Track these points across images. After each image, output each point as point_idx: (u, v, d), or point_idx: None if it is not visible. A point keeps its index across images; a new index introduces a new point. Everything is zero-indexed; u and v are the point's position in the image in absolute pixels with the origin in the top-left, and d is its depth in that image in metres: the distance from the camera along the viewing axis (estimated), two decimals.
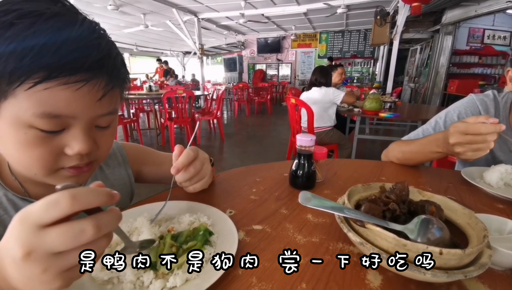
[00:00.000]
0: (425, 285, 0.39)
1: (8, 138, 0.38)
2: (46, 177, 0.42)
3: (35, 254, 0.23)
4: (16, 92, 0.34)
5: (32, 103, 0.35)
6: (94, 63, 0.37)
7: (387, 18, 5.00)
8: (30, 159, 0.39)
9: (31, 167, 0.41)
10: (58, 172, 0.42)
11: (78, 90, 0.36)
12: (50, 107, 0.36)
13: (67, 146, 0.40)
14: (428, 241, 0.37)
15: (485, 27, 6.48)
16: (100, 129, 0.44)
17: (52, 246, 0.23)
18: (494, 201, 0.65)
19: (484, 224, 0.40)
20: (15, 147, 0.38)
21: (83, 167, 0.43)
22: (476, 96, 0.92)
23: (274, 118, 6.75)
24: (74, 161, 0.41)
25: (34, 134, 0.37)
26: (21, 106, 0.35)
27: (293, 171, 0.71)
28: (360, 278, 0.40)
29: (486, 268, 0.34)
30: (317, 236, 0.51)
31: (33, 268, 0.24)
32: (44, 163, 0.40)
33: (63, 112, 0.37)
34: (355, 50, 9.25)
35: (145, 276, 0.37)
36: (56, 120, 0.37)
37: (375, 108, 2.65)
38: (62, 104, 0.36)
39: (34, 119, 0.36)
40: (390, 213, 0.43)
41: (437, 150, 0.75)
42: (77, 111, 0.38)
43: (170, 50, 12.40)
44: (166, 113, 3.91)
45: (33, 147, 0.38)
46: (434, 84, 6.79)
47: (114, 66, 0.40)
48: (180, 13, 6.03)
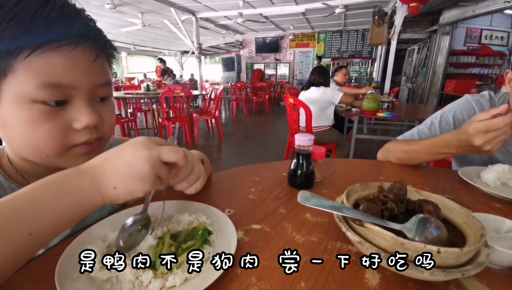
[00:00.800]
0: (423, 284, 0.39)
1: (14, 120, 0.38)
2: (58, 157, 0.42)
3: (152, 152, 0.34)
4: (14, 68, 0.36)
5: (31, 75, 0.36)
6: (81, 27, 0.40)
7: (385, 18, 5.02)
8: (40, 138, 0.39)
9: (42, 147, 0.40)
10: (70, 150, 0.43)
11: (71, 57, 0.38)
12: (49, 76, 0.37)
13: (75, 120, 0.41)
14: (425, 239, 0.37)
15: (483, 27, 6.51)
16: (100, 103, 0.46)
17: (161, 152, 0.35)
18: (491, 200, 0.66)
19: (481, 223, 0.40)
20: (23, 128, 0.39)
21: (94, 143, 0.44)
22: (472, 97, 0.92)
23: (272, 118, 6.75)
24: (84, 136, 0.42)
25: (39, 109, 0.38)
26: (22, 81, 0.36)
27: (292, 170, 0.71)
28: (359, 277, 0.40)
29: (483, 266, 0.35)
30: (316, 235, 0.51)
31: (143, 164, 0.34)
32: (54, 141, 0.40)
33: (63, 81, 0.38)
34: (353, 50, 9.27)
35: (144, 275, 0.37)
36: (57, 91, 0.38)
37: (373, 108, 2.66)
38: (60, 71, 0.38)
39: (36, 92, 0.37)
40: (388, 212, 0.43)
41: (448, 151, 0.75)
42: (75, 79, 0.40)
43: (168, 50, 12.37)
44: (164, 113, 3.90)
45: (41, 123, 0.38)
46: (432, 84, 6.82)
47: (98, 32, 0.43)
48: (178, 12, 6.01)
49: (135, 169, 0.33)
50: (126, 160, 0.33)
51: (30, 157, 0.43)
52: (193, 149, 0.61)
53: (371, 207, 0.44)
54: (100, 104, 0.46)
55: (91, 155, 0.44)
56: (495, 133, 0.62)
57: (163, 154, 0.34)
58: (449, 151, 0.75)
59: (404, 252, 0.35)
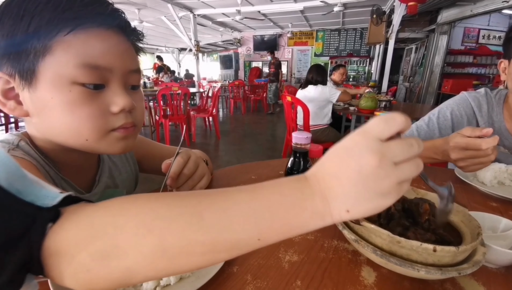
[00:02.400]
0: (419, 282, 0.39)
1: (54, 102, 0.39)
2: (98, 141, 0.43)
3: (384, 160, 0.23)
4: (53, 48, 0.37)
5: (70, 55, 0.38)
6: (112, 13, 0.42)
7: (383, 17, 5.02)
8: (80, 120, 0.40)
9: (83, 129, 0.41)
10: (109, 134, 0.43)
11: (107, 39, 0.41)
12: (87, 57, 0.39)
13: (112, 103, 0.42)
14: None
15: (481, 27, 6.53)
16: (131, 91, 0.47)
17: (394, 154, 0.24)
18: (487, 199, 0.66)
19: (477, 221, 0.40)
20: (62, 110, 0.39)
21: (130, 128, 0.45)
22: (468, 94, 0.93)
23: (270, 116, 6.74)
24: (121, 119, 0.43)
25: (79, 91, 0.39)
26: (61, 61, 0.38)
27: (289, 168, 0.71)
28: (355, 275, 0.40)
29: (480, 265, 0.35)
30: (312, 234, 0.51)
31: (384, 177, 0.23)
32: (94, 123, 0.41)
33: (100, 63, 0.40)
34: (351, 48, 9.26)
35: None
36: (96, 72, 0.40)
37: (370, 107, 2.66)
38: (97, 53, 0.39)
39: (76, 72, 0.38)
40: (385, 211, 0.43)
41: (435, 157, 0.76)
42: (111, 62, 0.41)
43: (165, 47, 12.28)
44: (160, 110, 3.88)
45: (81, 105, 0.39)
46: (429, 84, 6.85)
47: (127, 22, 0.45)
48: (176, 9, 5.96)
49: (372, 185, 0.24)
50: (357, 173, 0.24)
51: (69, 141, 0.43)
52: (190, 147, 0.61)
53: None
54: (131, 92, 0.47)
55: (127, 140, 0.46)
56: (473, 153, 0.62)
57: (394, 154, 0.24)
58: (436, 157, 0.75)
59: (400, 250, 0.35)
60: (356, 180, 0.24)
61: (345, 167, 0.24)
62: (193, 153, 0.59)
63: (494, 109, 0.88)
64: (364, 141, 0.24)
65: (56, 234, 0.24)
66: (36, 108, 0.41)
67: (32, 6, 0.37)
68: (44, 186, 0.26)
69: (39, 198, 0.24)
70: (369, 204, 0.24)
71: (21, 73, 0.38)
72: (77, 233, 0.24)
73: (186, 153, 0.57)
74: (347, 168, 0.24)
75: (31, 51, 0.37)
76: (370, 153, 0.23)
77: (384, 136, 0.24)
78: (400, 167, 0.24)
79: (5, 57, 0.38)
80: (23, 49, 0.37)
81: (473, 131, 0.63)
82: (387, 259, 0.35)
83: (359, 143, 0.24)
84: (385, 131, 0.24)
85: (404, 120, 0.24)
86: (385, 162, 0.23)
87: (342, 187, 0.24)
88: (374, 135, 0.24)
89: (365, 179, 0.23)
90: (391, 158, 0.24)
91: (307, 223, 0.25)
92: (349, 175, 0.24)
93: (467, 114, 0.90)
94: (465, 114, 0.90)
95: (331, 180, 0.24)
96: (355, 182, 0.24)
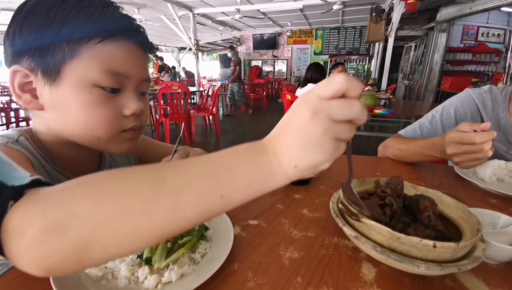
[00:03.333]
0: (418, 278, 0.39)
1: (74, 102, 0.42)
2: (108, 140, 0.46)
3: (320, 115, 0.25)
4: (81, 54, 0.40)
5: (97, 61, 0.41)
6: (136, 29, 0.46)
7: (382, 15, 5.01)
8: (97, 119, 0.43)
9: (97, 128, 0.44)
10: (119, 135, 0.47)
11: (130, 51, 0.45)
12: (111, 65, 0.42)
13: (125, 107, 0.46)
14: None
15: (480, 24, 6.51)
16: (141, 96, 0.50)
17: (332, 110, 0.25)
18: (487, 196, 0.66)
19: (477, 217, 0.41)
20: (82, 108, 0.42)
21: (137, 129, 0.49)
22: (472, 91, 0.92)
23: (270, 115, 6.74)
24: (131, 122, 0.47)
25: (99, 93, 0.42)
26: (87, 66, 0.41)
27: None
28: (355, 271, 0.41)
29: (479, 261, 0.35)
30: (313, 231, 0.51)
31: (315, 128, 0.25)
32: (109, 123, 0.45)
33: (121, 71, 0.44)
34: (350, 47, 9.25)
35: (140, 271, 0.37)
36: (116, 78, 0.43)
37: (369, 105, 2.66)
38: (120, 62, 0.43)
39: (99, 76, 0.41)
40: (389, 208, 0.43)
41: (434, 154, 0.76)
42: (130, 70, 0.45)
43: (165, 46, 12.26)
44: (161, 109, 3.87)
45: (100, 106, 0.43)
46: (428, 81, 6.84)
47: (147, 37, 0.48)
48: (175, 8, 5.95)
49: (307, 136, 0.25)
50: (296, 126, 0.26)
51: (80, 137, 0.46)
52: (190, 146, 0.61)
53: (371, 202, 0.44)
54: (140, 98, 0.50)
55: (133, 141, 0.51)
56: (468, 148, 0.62)
57: (333, 111, 0.25)
58: (435, 154, 0.75)
59: (400, 246, 0.35)
60: (297, 133, 0.26)
61: (289, 123, 0.27)
62: (192, 150, 0.59)
63: (500, 106, 0.87)
64: (306, 98, 0.27)
65: (14, 211, 0.24)
66: (54, 104, 0.43)
67: (64, 11, 0.39)
68: (17, 169, 0.27)
69: (9, 179, 0.25)
70: (311, 157, 0.26)
71: (45, 70, 0.41)
72: (33, 208, 0.24)
73: (185, 151, 0.57)
74: (290, 124, 0.27)
75: (60, 53, 0.40)
76: (306, 107, 0.26)
77: (324, 95, 0.26)
78: (336, 124, 0.26)
79: (27, 53, 0.41)
80: (51, 50, 0.40)
81: (471, 126, 0.62)
82: (387, 255, 0.35)
83: (302, 101, 0.27)
84: (326, 90, 0.26)
85: (344, 80, 0.25)
86: (319, 115, 0.25)
87: (287, 141, 0.26)
88: (315, 93, 0.26)
89: (302, 131, 0.25)
90: (327, 114, 0.25)
91: (265, 180, 0.27)
92: (291, 129, 0.26)
93: (471, 112, 0.90)
94: (469, 112, 0.89)
95: (280, 136, 0.27)
96: (297, 135, 0.26)
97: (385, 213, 0.43)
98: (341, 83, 0.25)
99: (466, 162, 0.65)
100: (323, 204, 0.61)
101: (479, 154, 0.61)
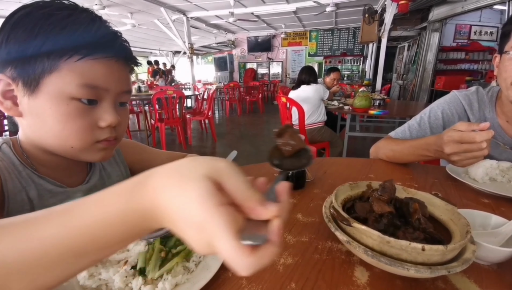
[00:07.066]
0: (410, 280, 0.40)
1: (50, 112, 0.43)
2: (82, 150, 0.47)
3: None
4: (60, 68, 0.41)
5: (75, 75, 0.42)
6: (119, 45, 0.47)
7: (375, 16, 5.06)
8: (71, 130, 0.44)
9: (71, 139, 0.45)
10: (93, 145, 0.48)
11: (111, 66, 0.45)
12: (90, 79, 0.43)
13: (101, 119, 0.46)
14: None
15: (472, 23, 6.58)
16: (120, 108, 0.51)
17: None
18: (479, 196, 0.67)
19: (466, 219, 0.41)
20: (57, 120, 0.43)
21: (112, 140, 0.50)
22: (459, 93, 0.94)
23: (266, 117, 6.75)
24: (106, 133, 0.48)
25: (75, 106, 0.43)
26: (65, 80, 0.42)
27: None
28: (348, 275, 0.41)
29: (469, 263, 0.35)
30: (307, 236, 0.51)
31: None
32: (83, 135, 0.45)
33: (100, 84, 0.44)
34: (344, 48, 9.32)
35: (134, 282, 0.37)
36: (93, 91, 0.44)
37: (364, 106, 2.68)
38: (100, 76, 0.44)
39: (77, 90, 0.42)
40: (386, 218, 0.43)
41: (428, 154, 0.76)
42: (110, 84, 0.46)
43: (159, 50, 12.25)
44: (156, 114, 3.86)
45: (75, 117, 0.44)
46: (422, 81, 6.90)
47: (130, 51, 0.50)
48: (169, 12, 5.95)
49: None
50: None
51: (53, 146, 0.48)
52: (186, 151, 0.62)
53: (364, 207, 0.45)
54: (119, 109, 0.51)
55: (107, 150, 0.51)
56: (468, 146, 0.62)
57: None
58: (429, 153, 0.76)
59: (390, 249, 0.36)
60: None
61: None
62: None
63: (486, 106, 0.89)
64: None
65: None
66: (31, 113, 0.44)
67: (49, 27, 0.40)
68: None
69: None
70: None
71: (25, 81, 0.42)
72: None
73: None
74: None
75: (40, 66, 0.41)
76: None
77: None
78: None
79: (11, 63, 0.42)
80: (32, 63, 0.41)
81: (469, 126, 0.63)
82: (378, 259, 0.35)
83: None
84: None
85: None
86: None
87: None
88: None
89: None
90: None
91: (141, 235, 0.25)
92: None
93: (458, 113, 0.91)
94: (456, 113, 0.91)
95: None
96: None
97: (382, 214, 0.43)
98: None
99: (464, 160, 0.65)
100: (317, 208, 0.62)
101: (478, 152, 0.62)
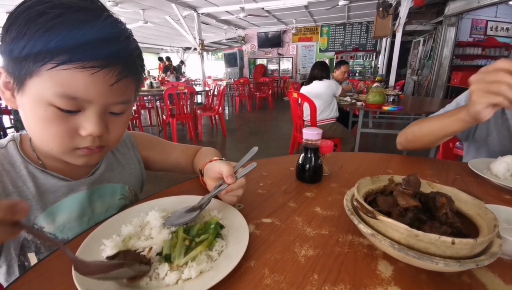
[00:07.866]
0: (436, 275, 0.39)
1: (31, 114, 0.44)
2: (62, 154, 0.47)
3: None
4: (41, 72, 0.39)
5: (54, 83, 0.40)
6: (111, 53, 0.42)
7: (389, 10, 4.94)
8: (49, 135, 0.44)
9: (49, 142, 0.45)
10: (73, 151, 0.47)
11: (94, 76, 0.41)
12: (69, 89, 0.40)
13: (81, 127, 0.44)
14: None
15: (488, 18, 6.37)
16: (113, 116, 0.48)
17: None
18: (501, 192, 0.65)
19: (494, 213, 0.40)
20: (36, 122, 0.44)
21: (94, 149, 0.48)
22: None
23: (276, 113, 6.73)
24: (86, 142, 0.46)
25: (53, 112, 0.42)
26: (45, 85, 0.40)
27: (300, 164, 0.71)
28: (371, 268, 0.41)
29: (496, 257, 0.35)
30: (326, 229, 0.51)
31: None
32: (60, 140, 0.45)
33: (80, 95, 0.42)
34: (357, 43, 9.16)
35: (160, 268, 0.38)
36: (73, 102, 0.42)
37: (378, 102, 2.64)
38: (80, 87, 0.41)
39: (54, 98, 0.41)
40: (411, 212, 0.42)
41: (458, 116, 0.70)
42: (92, 96, 0.43)
43: (170, 46, 12.35)
44: (168, 110, 3.91)
45: (52, 123, 0.43)
46: (438, 77, 6.73)
47: (130, 57, 0.45)
48: (180, 8, 5.98)
49: None
50: None
51: (38, 145, 0.50)
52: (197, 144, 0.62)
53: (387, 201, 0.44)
54: (112, 117, 0.48)
55: (90, 158, 0.50)
56: (490, 74, 0.57)
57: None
58: (459, 115, 0.70)
59: (418, 243, 0.35)
60: None
61: None
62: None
63: None
64: None
65: None
66: (21, 109, 0.46)
67: (35, 28, 0.38)
68: None
69: None
70: None
71: (15, 78, 0.42)
72: None
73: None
74: None
75: (24, 67, 0.40)
76: None
77: None
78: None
79: (8, 59, 0.42)
80: (18, 63, 0.40)
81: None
82: (405, 252, 0.35)
83: None
84: None
85: None
86: None
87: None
88: None
89: None
90: None
91: None
92: None
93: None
94: None
95: None
96: None
97: (404, 215, 0.42)
98: None
99: (481, 92, 0.59)
100: (335, 201, 0.61)
101: (497, 84, 0.56)
